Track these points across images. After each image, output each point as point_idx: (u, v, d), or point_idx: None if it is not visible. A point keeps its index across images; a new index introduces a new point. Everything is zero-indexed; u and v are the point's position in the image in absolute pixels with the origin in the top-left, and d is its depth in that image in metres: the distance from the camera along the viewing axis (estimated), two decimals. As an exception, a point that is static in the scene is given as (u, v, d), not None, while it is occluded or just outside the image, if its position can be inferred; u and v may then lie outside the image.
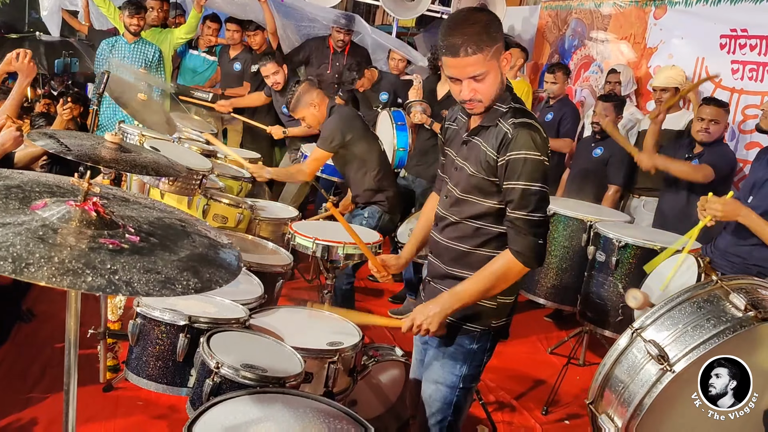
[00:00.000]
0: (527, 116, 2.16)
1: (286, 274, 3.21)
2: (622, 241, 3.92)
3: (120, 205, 1.43)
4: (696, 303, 1.92)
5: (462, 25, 2.07)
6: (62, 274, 1.06)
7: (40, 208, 1.26)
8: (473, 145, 2.22)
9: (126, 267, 1.15)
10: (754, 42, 4.78)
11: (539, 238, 2.14)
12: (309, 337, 2.60)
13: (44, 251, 1.10)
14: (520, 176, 2.09)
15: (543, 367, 4.47)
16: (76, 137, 2.78)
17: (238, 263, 1.36)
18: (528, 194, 2.10)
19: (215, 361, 2.06)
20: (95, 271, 1.10)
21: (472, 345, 2.36)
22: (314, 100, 4.05)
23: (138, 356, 2.39)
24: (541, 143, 2.12)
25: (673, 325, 1.90)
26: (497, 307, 2.32)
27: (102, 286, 1.07)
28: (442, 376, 2.40)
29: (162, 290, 1.13)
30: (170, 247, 1.29)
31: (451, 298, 2.22)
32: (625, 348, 1.95)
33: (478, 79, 2.10)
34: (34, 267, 1.05)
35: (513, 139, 2.10)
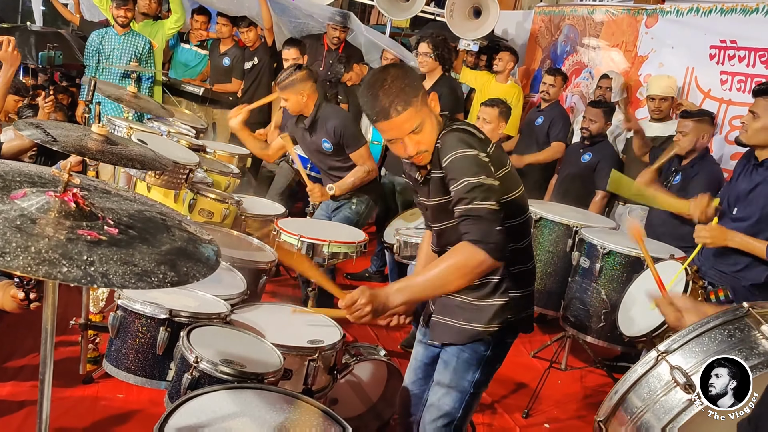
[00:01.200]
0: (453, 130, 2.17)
1: (269, 271, 3.21)
2: (606, 248, 3.94)
3: (101, 197, 1.43)
4: (727, 331, 1.80)
5: (382, 88, 2.08)
6: (38, 264, 1.06)
7: (20, 197, 1.26)
8: (431, 183, 2.26)
9: (103, 259, 1.15)
10: (743, 54, 4.82)
11: (495, 225, 2.02)
12: (290, 334, 2.60)
13: (21, 241, 1.10)
14: (458, 174, 2.06)
15: (525, 371, 4.49)
16: (63, 128, 2.78)
17: (217, 258, 1.37)
18: (471, 187, 2.04)
19: (194, 356, 2.07)
20: (71, 262, 1.10)
21: (487, 352, 2.36)
22: (306, 90, 4.00)
23: (118, 348, 2.38)
24: (469, 139, 2.11)
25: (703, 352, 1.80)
26: (510, 302, 2.31)
27: (77, 277, 1.07)
28: (454, 380, 2.40)
29: (138, 283, 1.13)
30: (149, 240, 1.30)
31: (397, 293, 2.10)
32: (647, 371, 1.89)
33: (416, 131, 2.12)
34: (9, 256, 1.05)
35: (442, 148, 2.13)
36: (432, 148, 2.17)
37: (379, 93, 2.07)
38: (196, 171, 3.66)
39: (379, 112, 2.07)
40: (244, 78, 6.67)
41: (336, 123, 3.99)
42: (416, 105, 2.08)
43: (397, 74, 2.09)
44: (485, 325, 2.32)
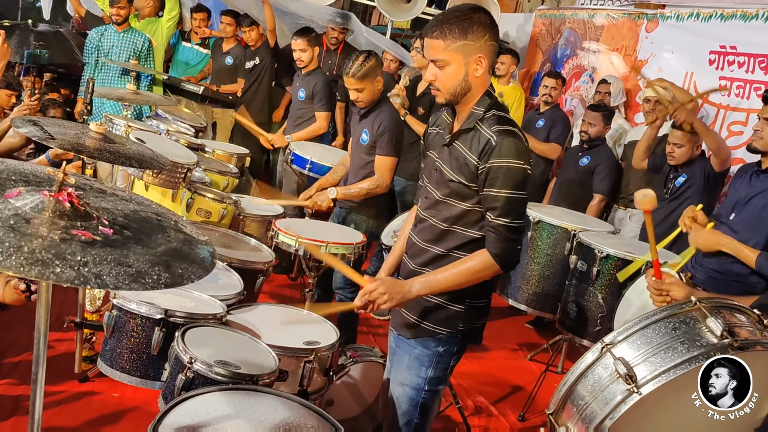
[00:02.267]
0: (510, 123, 2.19)
1: (267, 272, 3.20)
2: (603, 251, 3.94)
3: (96, 197, 1.42)
4: (672, 324, 1.84)
5: (449, 13, 2.16)
6: (31, 264, 1.06)
7: (14, 196, 1.26)
8: (454, 149, 2.24)
9: (97, 259, 1.15)
10: (742, 59, 4.82)
11: (517, 244, 2.19)
12: (286, 335, 2.60)
13: (14, 240, 1.10)
14: (504, 185, 2.13)
15: (522, 374, 4.50)
16: (61, 125, 2.77)
17: (212, 259, 1.36)
18: (511, 202, 2.14)
19: (189, 356, 2.06)
20: (65, 262, 1.10)
21: (438, 347, 2.37)
22: (380, 77, 3.85)
23: (112, 348, 2.38)
24: (524, 151, 2.16)
25: (646, 344, 1.83)
26: (465, 310, 2.33)
27: (71, 277, 1.07)
28: (407, 377, 2.41)
29: (132, 284, 1.13)
30: (144, 241, 1.29)
31: (421, 284, 2.24)
32: (593, 362, 1.92)
33: (438, 65, 2.17)
34: (2, 256, 1.05)
35: (497, 147, 2.13)
36: (446, 93, 2.20)
37: (443, 15, 2.17)
38: (195, 170, 3.65)
39: (427, 27, 2.19)
40: (245, 77, 6.66)
41: (383, 120, 3.81)
42: (449, 44, 2.12)
43: (466, 14, 2.13)
44: (434, 326, 2.34)
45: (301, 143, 5.21)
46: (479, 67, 2.17)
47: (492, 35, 2.16)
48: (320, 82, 5.50)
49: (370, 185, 3.84)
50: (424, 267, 2.34)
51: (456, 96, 2.21)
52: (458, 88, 2.19)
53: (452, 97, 2.21)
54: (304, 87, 5.56)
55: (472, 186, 2.20)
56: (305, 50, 5.41)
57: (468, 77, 2.18)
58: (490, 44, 2.17)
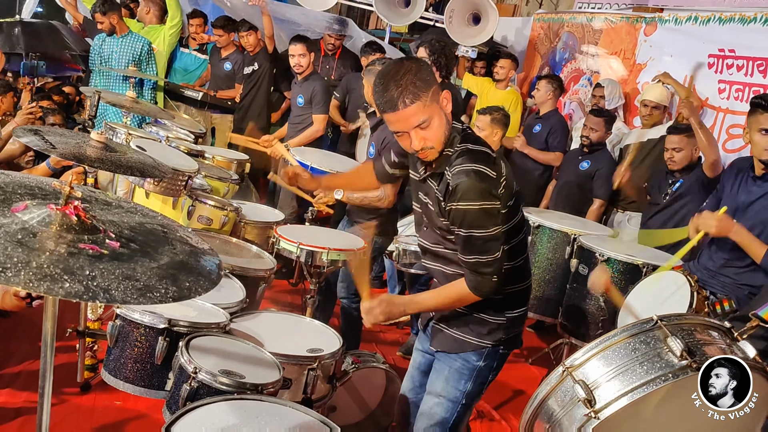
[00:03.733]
0: (470, 158, 2.16)
1: (268, 279, 3.20)
2: (604, 255, 3.95)
3: (102, 209, 1.42)
4: (632, 345, 1.84)
5: (393, 79, 2.07)
6: (39, 279, 1.06)
7: (21, 210, 1.26)
8: (429, 187, 2.28)
9: (104, 273, 1.15)
10: (741, 63, 4.83)
11: (491, 276, 2.20)
12: (289, 343, 2.60)
13: (22, 255, 1.10)
14: (462, 225, 2.16)
15: (523, 378, 4.49)
16: (62, 135, 2.77)
17: (219, 271, 1.37)
18: (473, 240, 2.16)
19: (193, 366, 2.06)
20: (73, 277, 1.10)
21: (479, 362, 2.39)
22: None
23: (116, 358, 2.38)
24: (481, 188, 2.12)
25: (606, 365, 1.84)
26: (506, 321, 2.37)
27: (79, 292, 1.07)
28: (446, 390, 2.42)
29: (139, 298, 1.13)
30: (150, 254, 1.30)
31: (410, 303, 2.50)
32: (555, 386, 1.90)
33: (423, 126, 2.11)
34: (11, 272, 1.05)
35: (453, 190, 2.14)
36: (439, 145, 2.17)
37: (390, 84, 2.07)
38: (195, 177, 3.65)
39: (386, 103, 2.09)
40: (243, 82, 6.65)
41: (387, 135, 3.67)
42: (425, 100, 2.08)
43: (410, 67, 2.09)
44: (478, 339, 2.37)
45: (302, 149, 5.21)
46: (448, 103, 2.19)
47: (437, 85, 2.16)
48: (318, 86, 5.52)
49: (373, 198, 3.81)
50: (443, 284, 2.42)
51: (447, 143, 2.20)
52: (446, 133, 2.18)
53: (444, 147, 2.20)
54: (303, 93, 5.56)
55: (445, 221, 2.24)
56: (304, 55, 5.43)
57: (447, 117, 2.19)
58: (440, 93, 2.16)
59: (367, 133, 5.41)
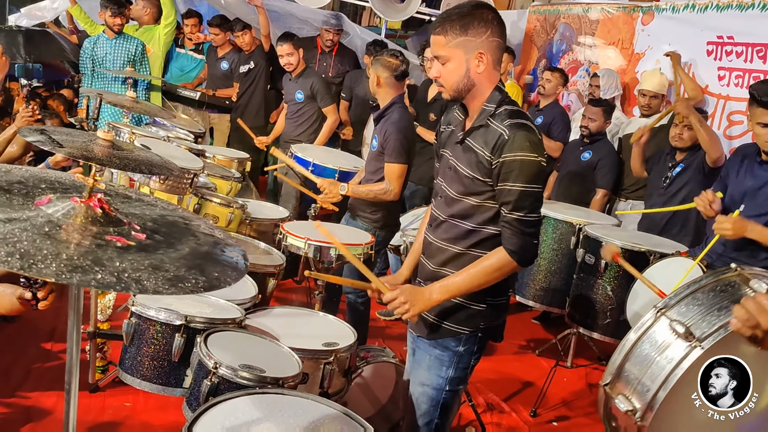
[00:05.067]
0: (522, 117, 2.18)
1: (279, 275, 3.19)
2: (611, 243, 3.94)
3: (123, 203, 1.41)
4: (719, 287, 1.89)
5: (452, 9, 2.18)
6: (71, 270, 1.04)
7: (45, 204, 1.24)
8: (467, 147, 2.23)
9: (134, 265, 1.13)
10: (740, 49, 4.83)
11: (533, 238, 2.18)
12: (304, 337, 2.58)
13: (51, 247, 1.08)
14: (518, 178, 2.11)
15: (531, 369, 4.48)
16: (68, 134, 2.75)
17: (245, 262, 1.35)
18: (525, 196, 2.12)
19: (213, 361, 2.04)
20: (104, 268, 1.08)
21: (459, 347, 2.35)
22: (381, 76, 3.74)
23: (132, 356, 2.35)
24: (537, 143, 2.13)
25: (697, 306, 1.87)
26: (486, 308, 2.32)
27: (112, 283, 1.05)
28: (428, 378, 2.39)
29: (171, 288, 1.11)
30: (175, 245, 1.28)
31: (441, 289, 2.24)
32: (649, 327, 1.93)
33: (440, 61, 2.20)
34: (42, 263, 1.03)
35: (509, 141, 2.11)
36: (451, 91, 2.22)
37: (445, 12, 2.20)
38: (200, 175, 3.64)
39: (432, 24, 2.23)
40: (240, 82, 6.63)
41: (389, 126, 3.73)
42: (449, 40, 2.15)
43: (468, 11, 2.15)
44: (456, 326, 2.33)
45: (303, 146, 5.19)
46: (480, 63, 2.17)
47: (495, 31, 2.16)
48: (316, 80, 5.54)
49: (379, 191, 3.78)
50: (443, 267, 2.33)
51: (460, 92, 2.22)
52: (461, 84, 2.20)
53: (456, 93, 2.23)
54: (301, 89, 5.55)
55: (487, 181, 2.18)
56: (292, 53, 5.47)
57: (470, 73, 2.19)
58: (492, 40, 2.16)
59: None
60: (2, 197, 1.20)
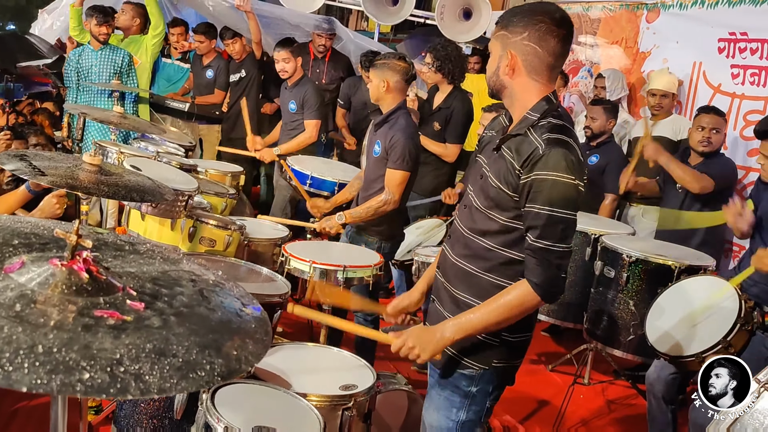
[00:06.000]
0: (565, 133, 1.95)
1: (284, 304, 2.94)
2: (632, 256, 3.75)
3: (115, 257, 1.16)
4: None
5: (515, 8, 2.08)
6: (50, 372, 0.79)
7: (17, 269, 0.99)
8: (501, 155, 2.01)
9: (133, 352, 0.88)
10: (755, 46, 4.64)
11: (561, 271, 1.93)
12: (318, 379, 2.35)
13: (24, 337, 0.83)
14: (548, 201, 1.88)
15: (545, 387, 4.30)
16: (50, 158, 2.51)
17: (267, 329, 1.10)
18: (555, 221, 1.88)
19: (224, 425, 1.79)
20: (93, 363, 0.83)
21: (471, 387, 2.12)
22: (390, 80, 3.57)
23: (128, 414, 2.10)
24: (576, 166, 1.90)
25: None
26: (500, 345, 2.08)
27: (104, 385, 0.80)
28: (437, 419, 2.18)
29: (181, 382, 0.86)
30: (183, 314, 1.03)
31: (453, 327, 2.01)
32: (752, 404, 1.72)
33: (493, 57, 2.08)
34: (12, 365, 0.78)
35: (543, 157, 1.89)
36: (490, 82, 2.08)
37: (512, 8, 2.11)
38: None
39: None
40: (230, 91, 6.40)
41: (396, 132, 3.55)
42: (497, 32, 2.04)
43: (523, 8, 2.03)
44: (466, 359, 2.10)
45: (299, 157, 4.97)
46: (507, 64, 1.99)
47: (533, 36, 1.94)
48: (309, 90, 5.27)
49: (378, 203, 3.57)
50: (454, 287, 2.13)
51: (492, 88, 2.09)
52: (491, 80, 2.07)
53: (490, 87, 2.09)
54: (294, 98, 5.31)
55: (514, 197, 1.95)
56: (288, 60, 5.18)
57: (499, 71, 2.02)
58: (526, 44, 1.96)
59: None
60: (-38, 265, 0.95)
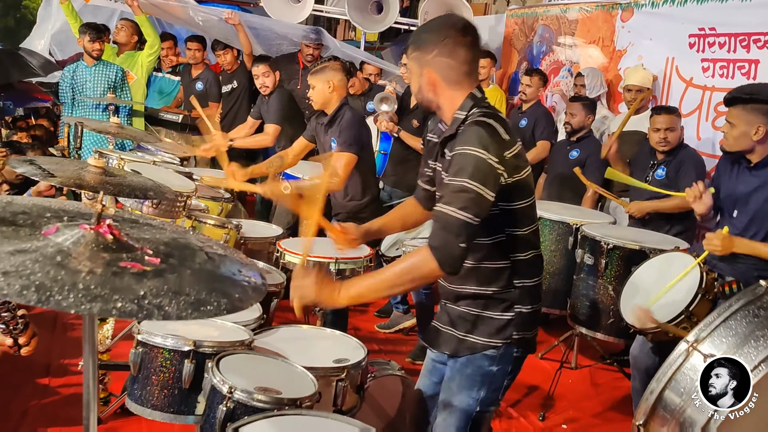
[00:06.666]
0: (487, 116, 2.06)
1: (280, 293, 3.14)
2: (609, 243, 3.92)
3: (132, 228, 1.36)
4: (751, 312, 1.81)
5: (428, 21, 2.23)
6: (90, 300, 0.99)
7: (53, 233, 1.19)
8: (445, 157, 2.16)
9: (154, 291, 1.08)
10: (722, 40, 4.87)
11: (460, 242, 1.93)
12: (314, 355, 2.54)
13: (66, 277, 1.03)
14: (457, 172, 1.96)
15: (535, 373, 4.44)
16: (58, 163, 2.70)
17: (263, 281, 1.30)
18: (459, 189, 1.94)
19: (228, 386, 1.99)
20: (123, 296, 1.03)
21: (492, 367, 2.22)
22: (334, 81, 3.89)
23: (141, 386, 2.29)
24: (489, 142, 1.98)
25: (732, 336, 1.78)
26: (515, 317, 2.20)
27: (133, 311, 1.00)
28: (458, 398, 2.27)
29: (194, 313, 1.06)
30: (192, 269, 1.23)
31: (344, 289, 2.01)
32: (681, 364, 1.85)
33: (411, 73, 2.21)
34: (59, 295, 0.98)
35: (460, 135, 2.05)
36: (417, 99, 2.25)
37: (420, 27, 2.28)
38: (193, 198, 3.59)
39: None
40: (223, 102, 6.59)
41: (345, 122, 3.89)
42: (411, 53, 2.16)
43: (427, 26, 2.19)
44: (487, 339, 2.21)
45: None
46: (427, 82, 2.13)
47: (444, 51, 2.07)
48: (277, 99, 5.45)
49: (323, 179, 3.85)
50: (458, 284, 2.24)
51: (421, 105, 2.22)
52: (417, 98, 2.21)
53: (420, 104, 2.24)
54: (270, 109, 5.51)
55: None
56: (268, 75, 5.41)
57: (422, 89, 2.16)
58: (439, 61, 2.09)
59: None
60: (8, 229, 1.15)
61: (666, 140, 4.34)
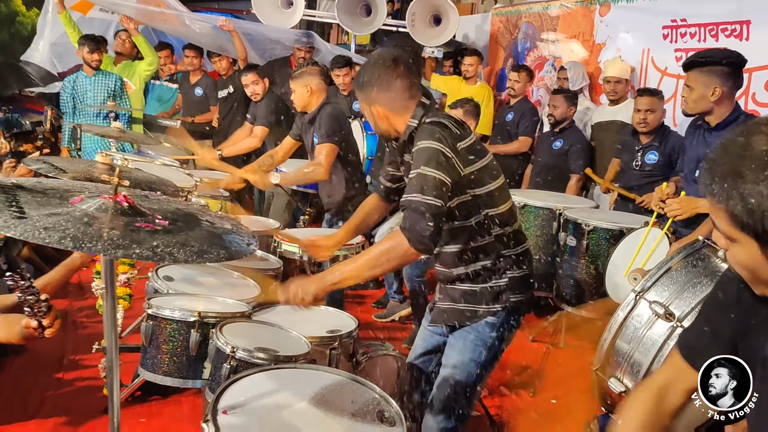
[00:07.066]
0: (437, 116, 2.28)
1: (278, 277, 3.35)
2: (589, 224, 4.11)
3: (142, 200, 1.59)
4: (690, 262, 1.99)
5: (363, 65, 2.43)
6: (114, 248, 1.22)
7: (78, 202, 1.42)
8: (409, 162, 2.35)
9: (164, 242, 1.31)
10: (693, 30, 5.08)
11: (428, 221, 2.09)
12: (308, 327, 2.74)
13: (94, 232, 1.26)
14: (417, 164, 2.16)
15: (526, 354, 4.57)
16: (68, 161, 2.93)
17: (255, 240, 1.53)
18: (419, 177, 2.13)
19: (230, 347, 2.22)
20: (140, 246, 1.26)
21: (493, 333, 2.40)
22: (312, 84, 4.13)
23: (152, 355, 2.52)
24: (441, 134, 2.19)
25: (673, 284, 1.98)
26: (509, 282, 2.37)
27: (149, 256, 1.23)
28: (462, 361, 2.42)
29: (198, 258, 1.29)
30: (195, 230, 1.46)
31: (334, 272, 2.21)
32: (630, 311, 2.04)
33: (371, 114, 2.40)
34: (90, 243, 1.20)
35: (415, 138, 2.26)
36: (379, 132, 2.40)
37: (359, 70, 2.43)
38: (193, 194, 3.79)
39: None
40: (220, 106, 6.78)
41: (324, 115, 4.11)
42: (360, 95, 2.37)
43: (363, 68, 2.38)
44: (486, 306, 2.39)
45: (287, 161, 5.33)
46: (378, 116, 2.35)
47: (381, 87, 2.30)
48: (266, 103, 5.69)
49: (308, 171, 4.11)
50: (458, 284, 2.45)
51: (383, 137, 2.43)
52: (378, 131, 2.43)
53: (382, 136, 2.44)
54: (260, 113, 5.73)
55: None
56: (257, 82, 5.66)
57: (378, 123, 2.39)
58: (381, 95, 2.31)
59: None
60: (42, 198, 1.38)
61: (645, 121, 4.48)
